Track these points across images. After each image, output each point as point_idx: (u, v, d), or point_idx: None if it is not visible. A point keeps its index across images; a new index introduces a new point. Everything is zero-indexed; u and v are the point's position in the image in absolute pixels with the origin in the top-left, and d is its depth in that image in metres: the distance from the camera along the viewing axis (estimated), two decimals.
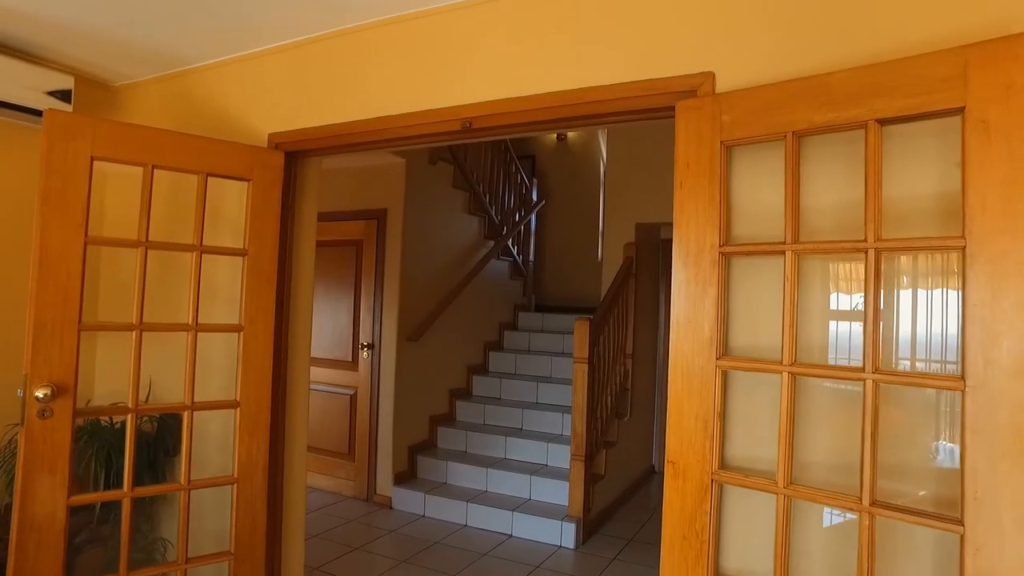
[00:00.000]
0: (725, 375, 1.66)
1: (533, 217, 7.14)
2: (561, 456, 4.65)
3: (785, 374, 1.53)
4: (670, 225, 1.73)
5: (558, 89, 2.00)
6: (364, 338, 4.93)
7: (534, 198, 7.09)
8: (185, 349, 2.33)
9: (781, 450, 1.53)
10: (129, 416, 2.24)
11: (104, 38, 2.66)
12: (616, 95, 1.91)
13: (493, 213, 6.13)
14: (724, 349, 1.65)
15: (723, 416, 1.65)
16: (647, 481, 5.62)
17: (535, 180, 7.20)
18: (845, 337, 1.65)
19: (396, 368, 4.78)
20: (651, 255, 5.73)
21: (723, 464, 1.66)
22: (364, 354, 4.92)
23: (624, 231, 5.42)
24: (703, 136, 1.68)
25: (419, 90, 2.28)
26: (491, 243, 6.06)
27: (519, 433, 5.03)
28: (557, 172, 7.83)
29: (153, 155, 2.27)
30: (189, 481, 2.34)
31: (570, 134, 7.75)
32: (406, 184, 4.80)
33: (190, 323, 2.35)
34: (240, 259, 2.47)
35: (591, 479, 4.29)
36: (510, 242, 6.51)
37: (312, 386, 5.22)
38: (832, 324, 1.64)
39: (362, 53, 2.45)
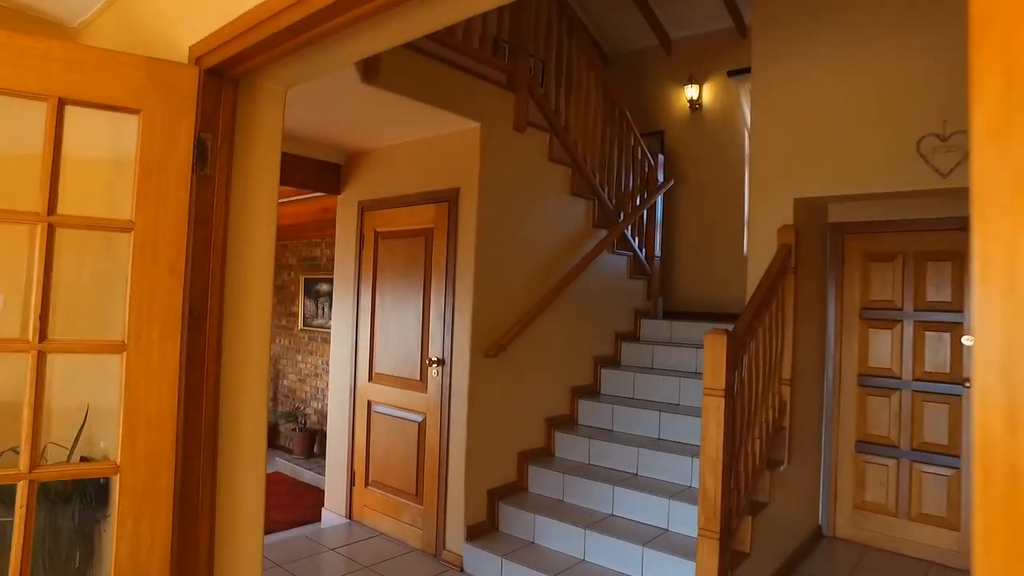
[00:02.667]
0: None
1: (660, 201, 5.79)
2: (688, 519, 3.36)
3: None
4: (842, 200, 0.51)
5: None
6: (433, 352, 3.94)
7: (660, 178, 5.74)
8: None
9: None
10: None
11: None
12: None
13: (605, 195, 4.91)
14: None
15: None
16: (812, 550, 4.12)
17: (661, 157, 5.83)
18: None
19: (469, 391, 3.74)
20: (815, 243, 4.21)
21: None
22: (433, 371, 3.93)
23: (777, 211, 3.94)
24: None
25: None
26: (603, 232, 4.85)
27: (632, 482, 3.78)
28: (691, 148, 6.40)
29: None
30: None
31: (706, 101, 6.30)
32: (481, 155, 3.74)
33: (30, 339, 1.44)
34: (129, 237, 1.54)
35: (729, 562, 2.97)
36: (629, 232, 5.24)
37: (376, 408, 4.33)
38: None
39: None
